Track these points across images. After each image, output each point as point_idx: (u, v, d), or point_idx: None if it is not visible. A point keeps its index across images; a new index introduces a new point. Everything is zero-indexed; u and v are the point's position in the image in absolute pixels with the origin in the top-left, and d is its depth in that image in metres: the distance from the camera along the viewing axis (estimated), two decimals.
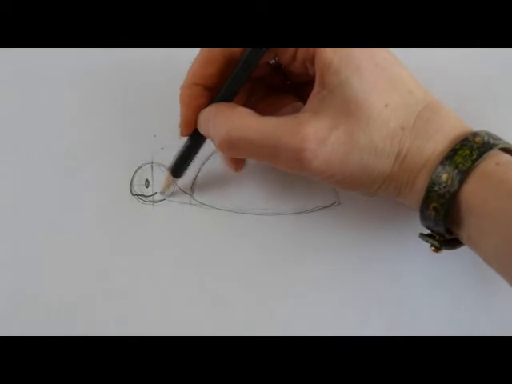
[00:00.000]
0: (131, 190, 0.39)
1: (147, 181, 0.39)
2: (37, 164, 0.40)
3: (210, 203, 0.39)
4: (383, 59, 0.32)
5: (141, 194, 0.39)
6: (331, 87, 0.31)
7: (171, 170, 0.37)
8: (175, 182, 0.38)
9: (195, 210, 0.39)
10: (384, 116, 0.31)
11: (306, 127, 0.30)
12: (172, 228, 0.38)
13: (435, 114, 0.31)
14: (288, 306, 0.37)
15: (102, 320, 0.37)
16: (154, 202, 0.39)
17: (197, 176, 0.39)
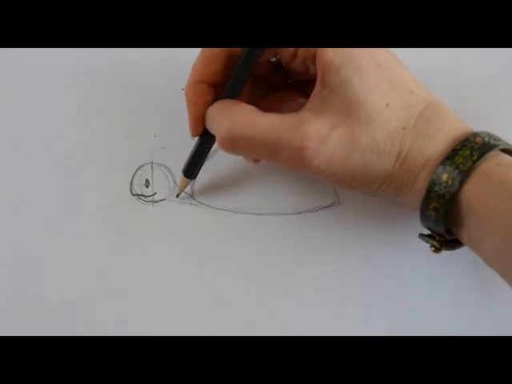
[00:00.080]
0: (131, 190, 0.39)
1: (147, 181, 0.39)
2: (37, 164, 0.40)
3: (210, 203, 0.39)
4: (384, 59, 0.32)
5: (141, 194, 0.39)
6: (332, 86, 0.31)
7: (184, 172, 0.37)
8: (189, 184, 0.38)
9: (195, 210, 0.39)
10: (385, 116, 0.31)
11: (308, 126, 0.30)
12: (172, 228, 0.38)
13: (436, 114, 0.31)
14: (288, 306, 0.37)
15: (102, 320, 0.37)
16: (154, 202, 0.39)
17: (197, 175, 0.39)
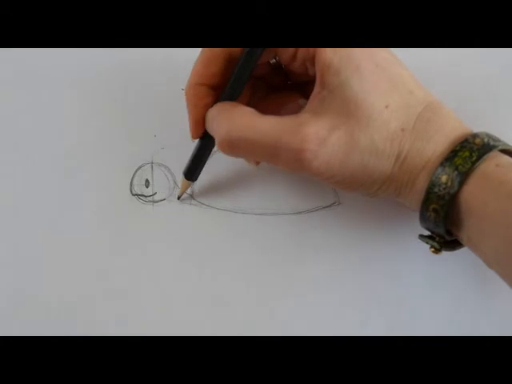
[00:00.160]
0: (131, 190, 0.39)
1: (147, 181, 0.39)
2: (37, 164, 0.40)
3: (210, 203, 0.39)
4: (383, 59, 0.32)
5: (141, 194, 0.39)
6: (331, 87, 0.31)
7: (185, 174, 0.37)
8: (190, 186, 0.38)
9: (195, 210, 0.39)
10: (384, 117, 0.31)
11: (307, 128, 0.30)
12: (172, 228, 0.38)
13: (435, 115, 0.31)
14: (288, 306, 0.37)
15: (102, 320, 0.37)
16: (154, 202, 0.39)
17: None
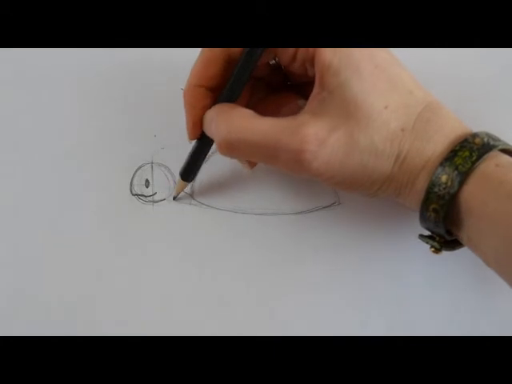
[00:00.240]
0: (131, 190, 0.39)
1: (147, 181, 0.39)
2: (37, 164, 0.40)
3: (210, 203, 0.39)
4: (383, 60, 0.32)
5: (141, 194, 0.39)
6: (331, 88, 0.31)
7: (181, 175, 0.37)
8: (186, 186, 0.38)
9: (195, 210, 0.39)
10: (384, 117, 0.31)
11: (306, 129, 0.30)
12: (172, 228, 0.38)
13: (435, 115, 0.31)
14: (288, 306, 0.37)
15: (102, 320, 0.37)
16: (154, 202, 0.39)
17: (197, 176, 0.39)
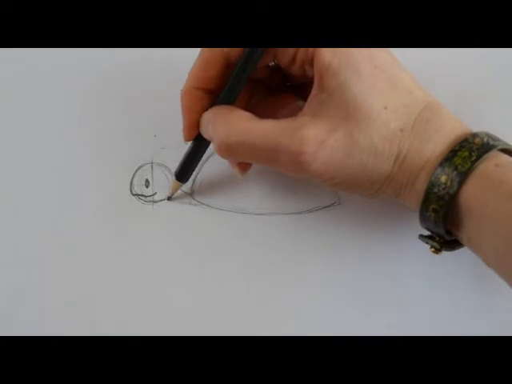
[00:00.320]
0: (131, 190, 0.39)
1: (147, 181, 0.39)
2: (37, 164, 0.40)
3: (210, 203, 0.39)
4: (382, 60, 0.32)
5: (141, 194, 0.39)
6: (330, 89, 0.31)
7: (176, 176, 0.37)
8: (181, 187, 0.38)
9: (195, 210, 0.39)
10: (383, 118, 0.30)
11: (305, 130, 0.30)
12: (172, 228, 0.38)
13: (434, 115, 0.31)
14: (288, 306, 0.37)
15: (102, 320, 0.37)
16: (154, 202, 0.39)
17: (197, 176, 0.39)
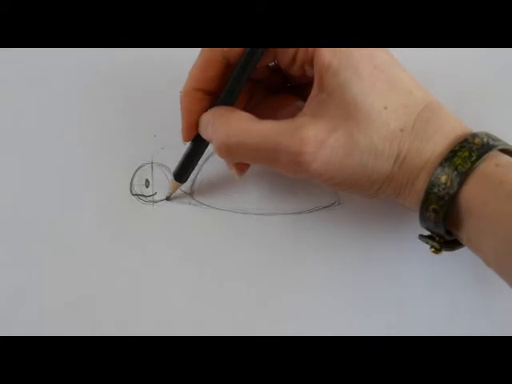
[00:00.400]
0: (131, 190, 0.39)
1: (147, 181, 0.39)
2: (37, 164, 0.40)
3: (210, 203, 0.39)
4: (382, 60, 0.32)
5: (141, 194, 0.39)
6: (330, 89, 0.31)
7: (175, 175, 0.37)
8: (179, 187, 0.38)
9: (195, 210, 0.39)
10: (383, 118, 0.31)
11: (305, 131, 0.30)
12: (172, 228, 0.38)
13: (434, 115, 0.31)
14: (288, 306, 0.37)
15: (102, 320, 0.37)
16: (154, 202, 0.39)
17: (197, 176, 0.39)
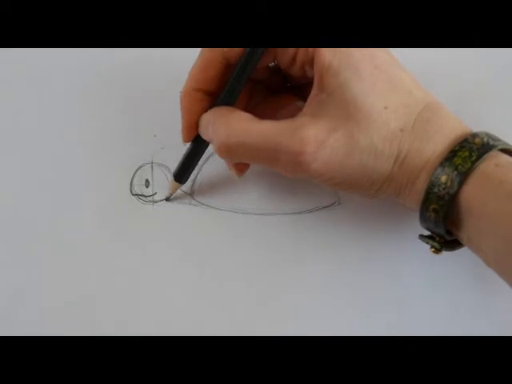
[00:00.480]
0: (131, 190, 0.39)
1: (147, 181, 0.39)
2: (37, 164, 0.40)
3: (210, 203, 0.39)
4: (382, 61, 0.32)
5: (141, 194, 0.39)
6: (330, 89, 0.31)
7: (175, 176, 0.37)
8: (179, 187, 0.38)
9: (195, 210, 0.39)
10: (383, 118, 0.30)
11: (305, 131, 0.30)
12: (172, 228, 0.38)
13: (434, 115, 0.31)
14: (288, 306, 0.37)
15: (102, 320, 0.37)
16: (154, 202, 0.39)
17: (197, 176, 0.39)
